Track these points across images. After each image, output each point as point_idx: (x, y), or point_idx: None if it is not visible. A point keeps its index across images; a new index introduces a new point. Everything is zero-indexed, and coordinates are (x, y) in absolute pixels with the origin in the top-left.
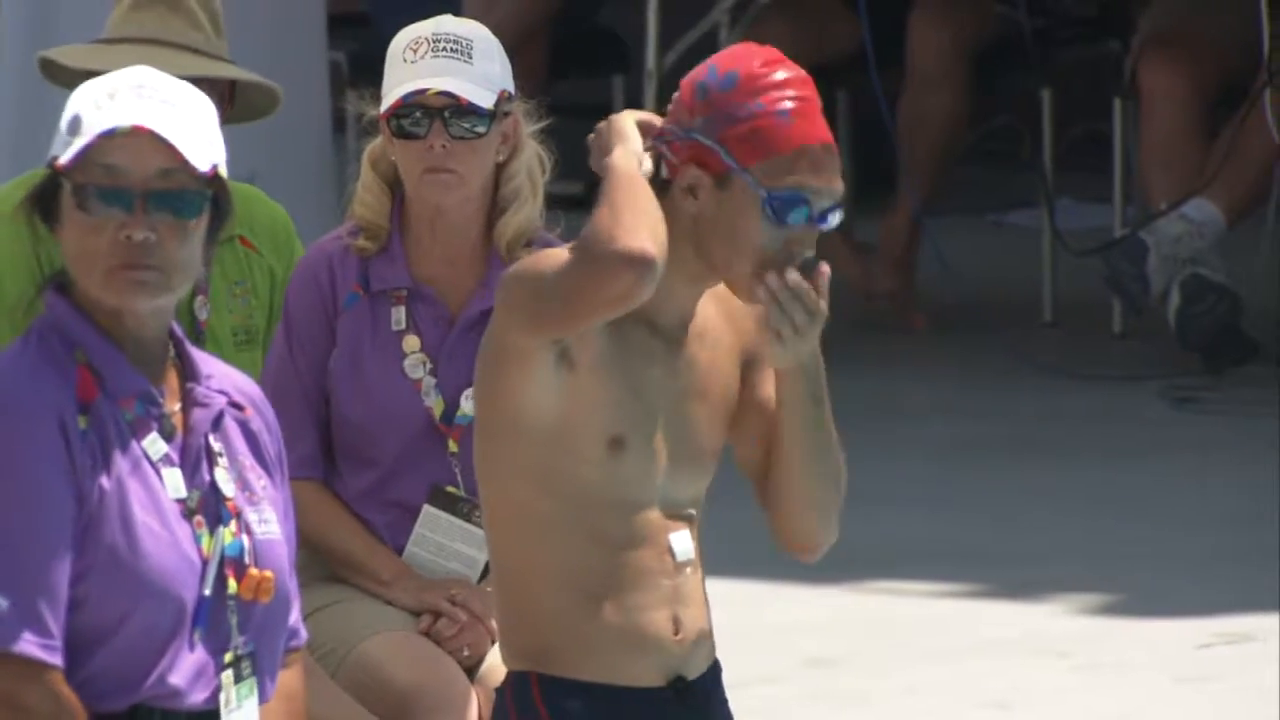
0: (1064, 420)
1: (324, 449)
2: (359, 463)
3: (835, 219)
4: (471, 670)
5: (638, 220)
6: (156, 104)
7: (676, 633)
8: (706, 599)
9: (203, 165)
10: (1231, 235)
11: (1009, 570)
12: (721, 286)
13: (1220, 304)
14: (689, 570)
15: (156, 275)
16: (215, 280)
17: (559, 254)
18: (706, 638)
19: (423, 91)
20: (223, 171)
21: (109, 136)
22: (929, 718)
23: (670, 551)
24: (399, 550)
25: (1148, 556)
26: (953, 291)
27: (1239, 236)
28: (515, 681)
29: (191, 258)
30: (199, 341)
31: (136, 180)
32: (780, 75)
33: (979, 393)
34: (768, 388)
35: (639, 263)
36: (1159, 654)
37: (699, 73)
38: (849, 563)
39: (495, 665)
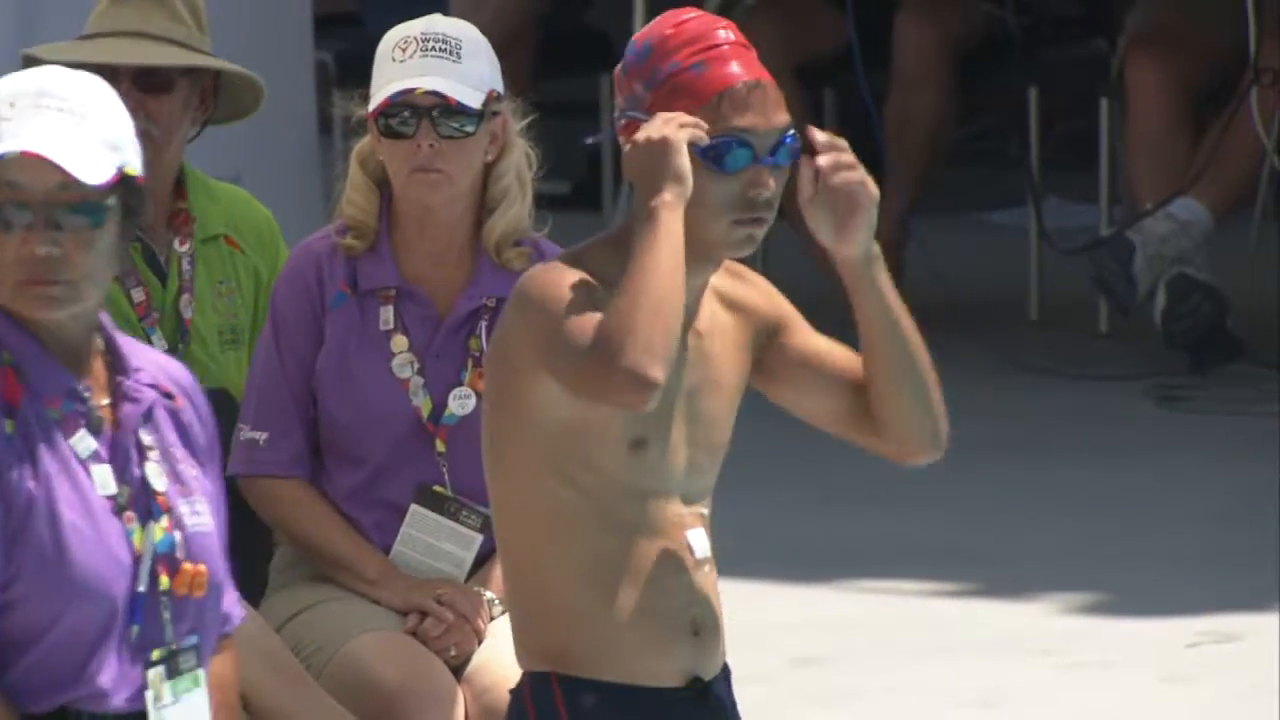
0: (1050, 419)
1: (311, 448)
2: (346, 462)
3: (788, 153)
4: (458, 670)
5: (654, 325)
6: (52, 115)
7: (695, 631)
8: (719, 599)
9: (98, 178)
10: (1218, 234)
11: (995, 569)
12: (716, 279)
13: (1206, 303)
14: (706, 568)
15: (64, 289)
16: (200, 279)
17: (579, 319)
18: (721, 638)
19: (411, 91)
20: (131, 171)
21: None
22: (915, 716)
23: (689, 549)
24: (386, 550)
25: (1134, 556)
26: (939, 290)
27: (1225, 235)
28: (533, 682)
29: (100, 264)
30: (184, 340)
31: (38, 194)
32: (693, 29)
33: (965, 392)
34: (806, 338)
35: (642, 388)
36: (1145, 653)
37: (630, 49)
38: (834, 562)
39: (482, 664)
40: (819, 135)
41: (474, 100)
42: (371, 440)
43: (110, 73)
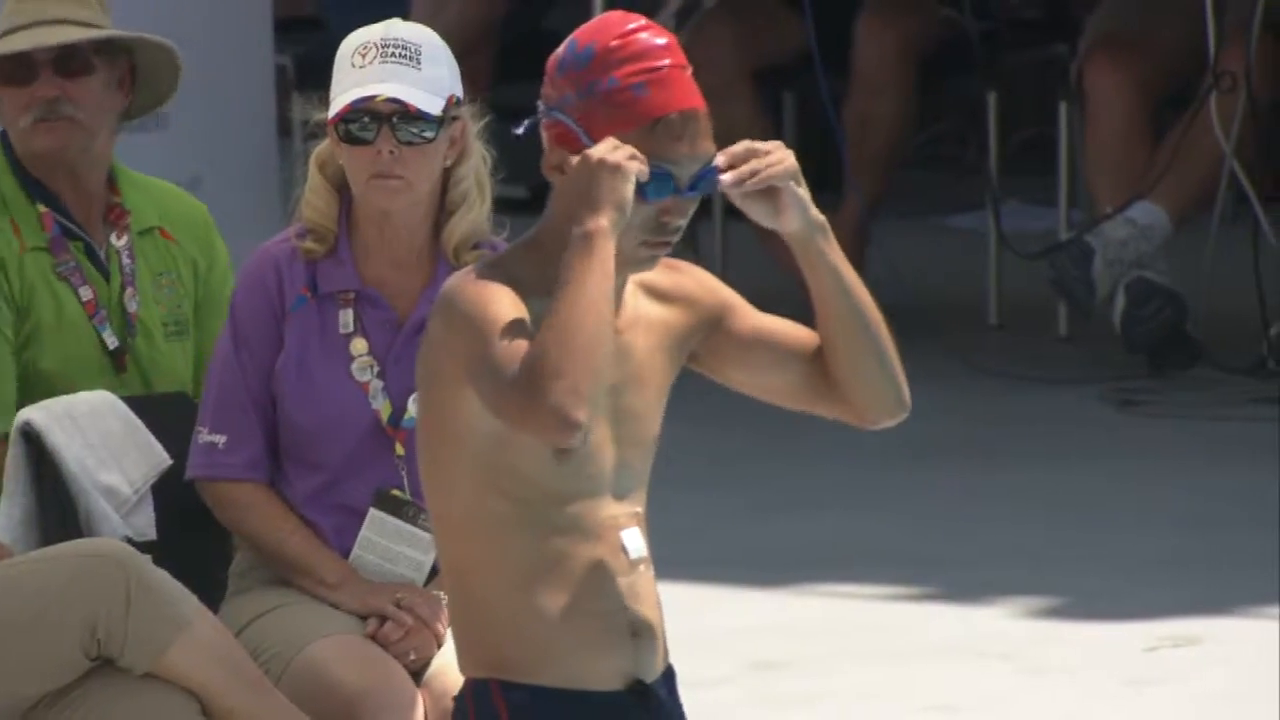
0: (1009, 423)
1: (270, 452)
2: (306, 466)
3: (709, 184)
4: (418, 674)
5: (582, 365)
6: None
7: (634, 633)
8: (659, 600)
9: None
10: (1177, 238)
11: (954, 573)
12: (646, 274)
13: (1166, 307)
14: (642, 568)
15: None
16: (141, 272)
17: (506, 345)
18: (662, 639)
19: (371, 98)
20: None
21: None
22: None
23: (623, 549)
24: (345, 554)
25: (1093, 559)
26: (899, 294)
27: (1184, 239)
28: (475, 689)
29: None
30: (130, 334)
31: None
32: (638, 44)
33: (924, 395)
34: (752, 319)
35: (566, 429)
36: (1105, 657)
37: (562, 47)
38: (794, 565)
39: (441, 669)
40: (720, 159)
41: (433, 106)
42: (330, 444)
43: (28, 65)
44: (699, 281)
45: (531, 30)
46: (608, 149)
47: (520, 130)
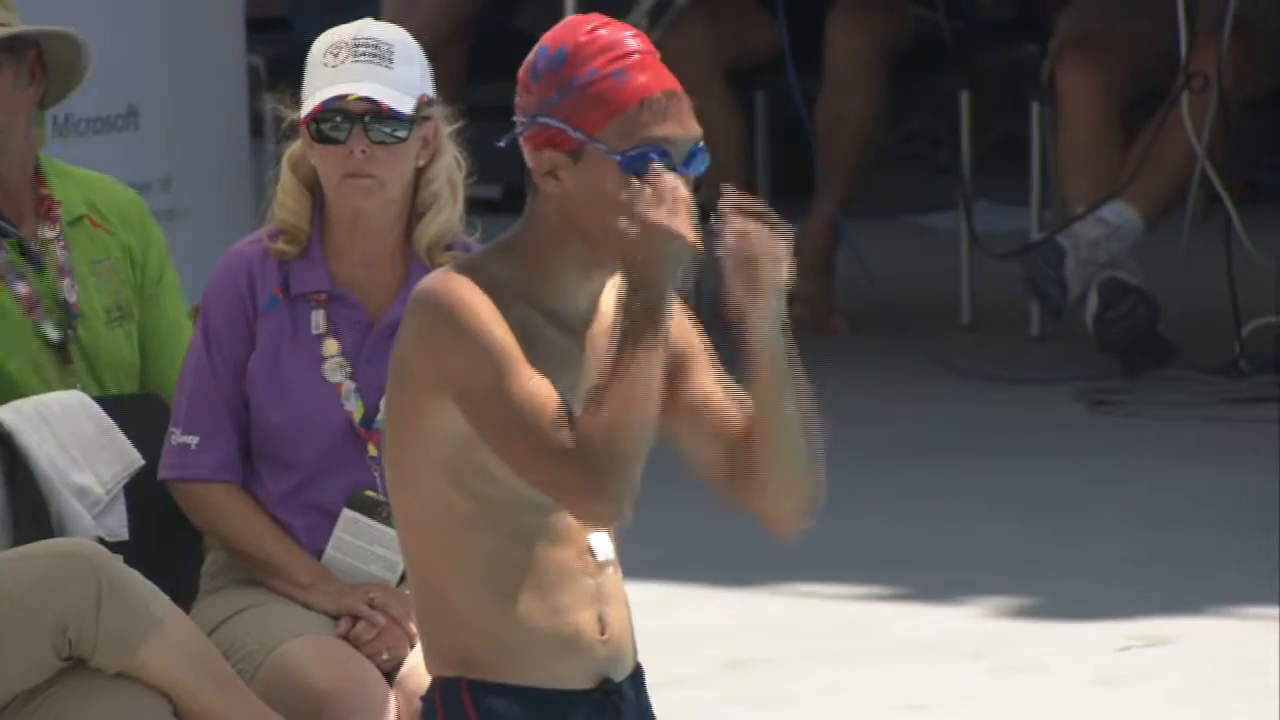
0: (981, 423)
1: (243, 452)
2: (278, 466)
3: (701, 163)
4: (390, 674)
5: (637, 455)
6: None
7: (602, 633)
8: (627, 600)
9: None
10: (1149, 238)
11: (926, 573)
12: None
13: (1138, 307)
14: (609, 569)
15: None
16: (77, 262)
17: (520, 385)
18: (630, 639)
19: (343, 97)
20: None
21: None
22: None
23: (590, 550)
24: (318, 554)
25: (1065, 559)
26: (871, 294)
27: (1157, 239)
28: (443, 687)
29: None
30: (71, 324)
31: None
32: (607, 36)
33: (897, 396)
34: (701, 381)
35: (617, 518)
36: (1076, 657)
37: (530, 56)
38: (766, 565)
39: (414, 668)
40: (727, 203)
41: (405, 105)
42: (303, 444)
43: None
44: (675, 317)
45: (503, 29)
46: (685, 223)
47: (502, 143)
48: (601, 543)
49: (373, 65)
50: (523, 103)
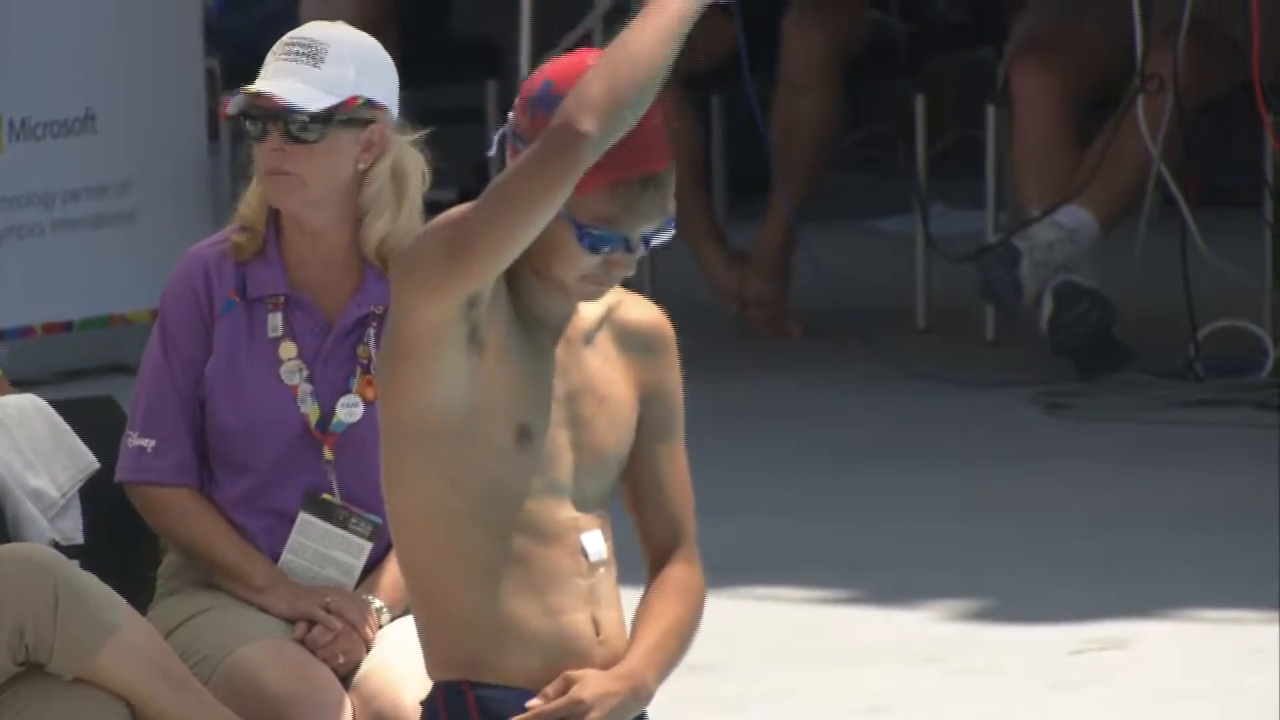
0: (937, 426)
1: (199, 455)
2: (235, 470)
3: (663, 238)
4: (346, 678)
5: (626, 94)
6: None
7: (598, 634)
8: (621, 603)
9: None
10: (1104, 241)
11: (881, 576)
12: (637, 329)
13: (1093, 311)
14: (603, 571)
15: None
16: None
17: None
18: (625, 642)
19: (257, 94)
20: None
21: None
22: None
23: (583, 552)
24: (276, 558)
25: (1020, 562)
26: (826, 297)
27: (1112, 243)
28: (446, 691)
29: None
30: None
31: None
32: None
33: (852, 399)
34: (667, 460)
35: (576, 143)
36: (1031, 660)
37: (534, 83)
38: (722, 568)
39: (370, 672)
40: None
41: (318, 103)
42: (259, 447)
43: None
44: (670, 369)
45: (459, 33)
46: None
47: (492, 152)
48: (594, 544)
49: (297, 64)
50: (517, 120)
